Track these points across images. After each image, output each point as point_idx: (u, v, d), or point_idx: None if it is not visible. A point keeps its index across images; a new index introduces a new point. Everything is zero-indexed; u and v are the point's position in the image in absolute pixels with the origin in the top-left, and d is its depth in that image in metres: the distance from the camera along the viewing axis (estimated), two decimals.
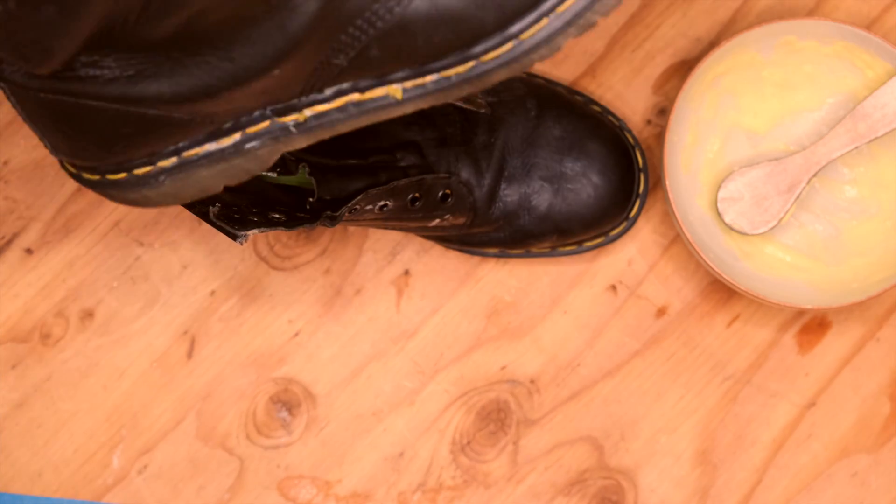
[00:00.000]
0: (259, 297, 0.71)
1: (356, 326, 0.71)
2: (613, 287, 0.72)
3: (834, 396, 0.71)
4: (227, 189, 0.65)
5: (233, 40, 0.52)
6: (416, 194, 0.65)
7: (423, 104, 0.55)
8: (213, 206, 0.61)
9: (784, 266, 0.70)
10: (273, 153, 0.56)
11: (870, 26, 0.73)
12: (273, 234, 0.71)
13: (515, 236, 0.69)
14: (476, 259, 0.72)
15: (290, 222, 0.62)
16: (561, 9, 0.53)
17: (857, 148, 0.70)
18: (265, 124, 0.55)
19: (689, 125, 0.70)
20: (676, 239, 0.72)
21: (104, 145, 0.55)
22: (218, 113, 0.54)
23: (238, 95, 0.54)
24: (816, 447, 0.71)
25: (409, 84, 0.55)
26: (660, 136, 0.72)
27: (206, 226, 0.71)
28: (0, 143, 0.72)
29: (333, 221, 0.62)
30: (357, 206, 0.62)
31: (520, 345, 0.71)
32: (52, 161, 0.72)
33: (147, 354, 0.71)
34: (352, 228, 0.72)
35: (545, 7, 0.53)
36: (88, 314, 0.71)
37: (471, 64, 0.54)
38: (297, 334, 0.71)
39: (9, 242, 0.72)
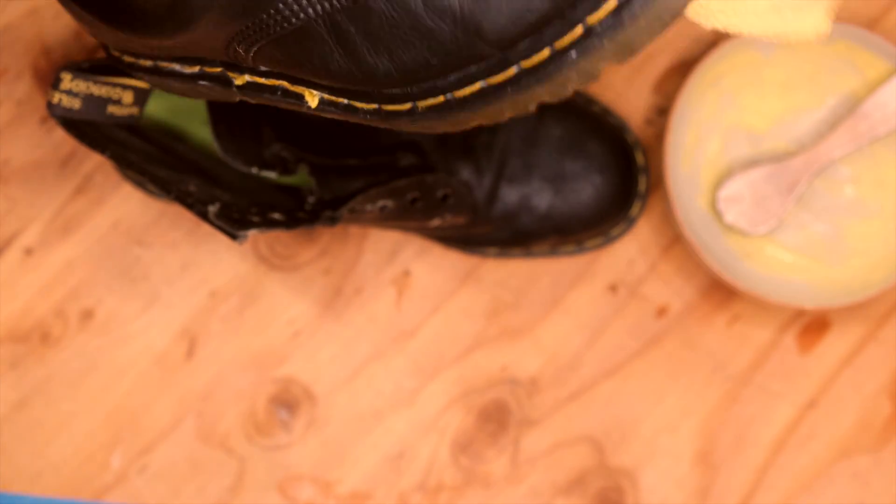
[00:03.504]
0: (259, 297, 0.71)
1: (356, 326, 0.71)
2: (613, 287, 0.72)
3: (834, 396, 0.71)
4: (227, 188, 0.65)
5: None
6: (416, 195, 0.65)
7: (338, 117, 0.54)
8: (213, 205, 0.61)
9: (784, 266, 0.70)
10: (224, 96, 0.58)
11: (871, 26, 0.72)
12: (273, 234, 0.71)
13: (515, 236, 0.69)
14: (476, 259, 0.72)
15: (290, 222, 0.62)
16: (460, 93, 0.51)
17: (857, 148, 0.70)
18: (218, 69, 0.57)
19: (689, 125, 0.70)
20: (676, 239, 0.72)
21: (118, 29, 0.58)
22: (175, 48, 0.56)
23: (174, 42, 0.55)
24: (817, 447, 0.71)
25: (326, 96, 0.54)
26: (660, 136, 0.72)
27: (205, 226, 0.71)
28: (0, 143, 0.72)
29: (334, 221, 0.62)
30: (357, 206, 0.62)
31: (520, 345, 0.71)
32: (52, 161, 0.72)
33: (147, 354, 0.71)
34: (352, 228, 0.72)
35: (442, 84, 0.51)
36: (88, 314, 0.71)
37: (375, 106, 0.53)
38: (297, 334, 0.71)
39: (9, 242, 0.72)
